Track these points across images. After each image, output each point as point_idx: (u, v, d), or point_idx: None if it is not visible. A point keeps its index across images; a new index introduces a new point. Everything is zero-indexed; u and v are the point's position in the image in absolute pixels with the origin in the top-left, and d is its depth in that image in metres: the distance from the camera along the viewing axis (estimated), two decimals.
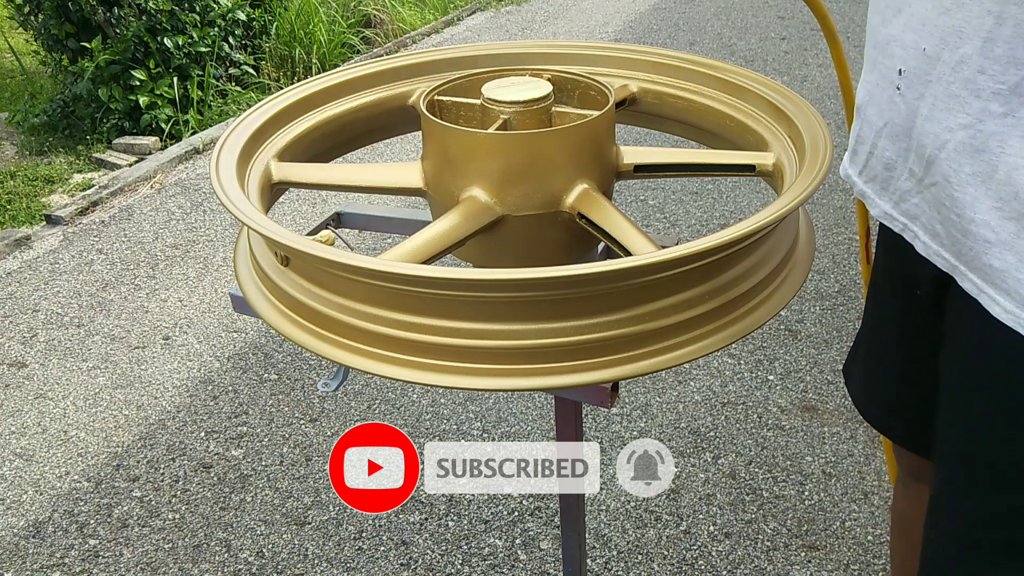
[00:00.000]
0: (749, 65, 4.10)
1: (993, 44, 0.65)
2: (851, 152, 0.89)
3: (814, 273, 2.47)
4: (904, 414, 0.99)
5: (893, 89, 0.77)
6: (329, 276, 0.67)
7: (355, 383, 2.11)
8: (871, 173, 0.85)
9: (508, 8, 5.60)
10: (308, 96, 0.96)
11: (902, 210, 0.80)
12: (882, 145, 0.81)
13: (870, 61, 0.83)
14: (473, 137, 0.77)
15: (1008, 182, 0.66)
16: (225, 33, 3.98)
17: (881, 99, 0.80)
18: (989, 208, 0.68)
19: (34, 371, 2.22)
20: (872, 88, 0.82)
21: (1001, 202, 0.67)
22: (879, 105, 0.80)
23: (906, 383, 0.96)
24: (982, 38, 0.65)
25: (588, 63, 1.01)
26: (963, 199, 0.69)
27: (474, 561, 1.63)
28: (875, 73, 0.81)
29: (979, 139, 0.68)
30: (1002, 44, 0.64)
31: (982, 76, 0.66)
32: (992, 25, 0.65)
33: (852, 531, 1.64)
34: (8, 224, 3.03)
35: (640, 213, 2.87)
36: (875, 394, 1.04)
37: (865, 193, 0.86)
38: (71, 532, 1.73)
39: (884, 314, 0.98)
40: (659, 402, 2.01)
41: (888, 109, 0.78)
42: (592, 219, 0.77)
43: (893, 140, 0.79)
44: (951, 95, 0.69)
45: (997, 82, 0.66)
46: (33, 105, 3.93)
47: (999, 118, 0.66)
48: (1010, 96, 0.65)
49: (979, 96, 0.67)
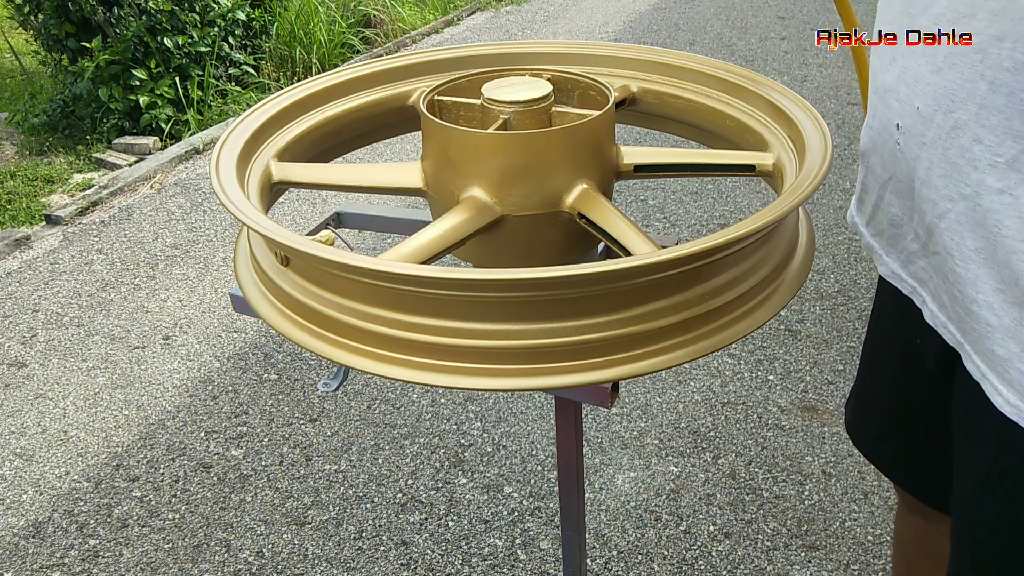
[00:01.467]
0: (749, 65, 4.10)
1: (988, 112, 0.60)
2: (857, 199, 0.83)
3: (814, 273, 2.47)
4: (892, 447, 0.95)
5: (894, 142, 0.72)
6: (329, 276, 0.67)
7: (355, 383, 2.11)
8: (878, 227, 0.80)
9: (508, 8, 5.60)
10: (308, 96, 0.96)
11: (911, 272, 0.75)
12: (888, 200, 0.76)
13: (872, 106, 0.78)
14: (473, 137, 0.77)
15: (1007, 264, 0.61)
16: (225, 33, 3.98)
17: (883, 150, 0.75)
18: (992, 290, 0.63)
19: (34, 371, 2.22)
20: (875, 136, 0.77)
21: (1004, 285, 0.62)
22: (882, 156, 0.75)
23: (895, 426, 0.92)
24: (976, 104, 0.61)
25: (588, 63, 1.01)
26: (965, 276, 0.65)
27: (474, 561, 1.63)
28: (876, 120, 0.76)
29: (979, 213, 0.62)
30: (997, 113, 0.60)
31: (978, 145, 0.61)
32: (986, 91, 0.60)
33: (852, 531, 1.64)
34: (8, 224, 3.03)
35: (640, 213, 2.87)
36: (865, 423, 0.99)
37: (872, 248, 0.81)
38: (71, 532, 1.73)
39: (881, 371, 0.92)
40: (659, 402, 2.01)
41: (891, 162, 0.74)
42: (592, 219, 0.77)
43: (898, 196, 0.74)
44: (948, 162, 0.64)
45: (994, 154, 0.60)
46: (33, 105, 3.93)
47: (995, 194, 0.61)
48: (1007, 171, 0.60)
49: (976, 167, 0.62)
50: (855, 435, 1.01)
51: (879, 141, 0.76)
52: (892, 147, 0.72)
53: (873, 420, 0.96)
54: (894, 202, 0.75)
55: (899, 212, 0.74)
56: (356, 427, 1.98)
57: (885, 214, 0.77)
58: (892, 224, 0.76)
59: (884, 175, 0.76)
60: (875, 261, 0.81)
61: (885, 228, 0.78)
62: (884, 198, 0.76)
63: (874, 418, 0.96)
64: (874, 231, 0.81)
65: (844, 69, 4.10)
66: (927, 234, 0.69)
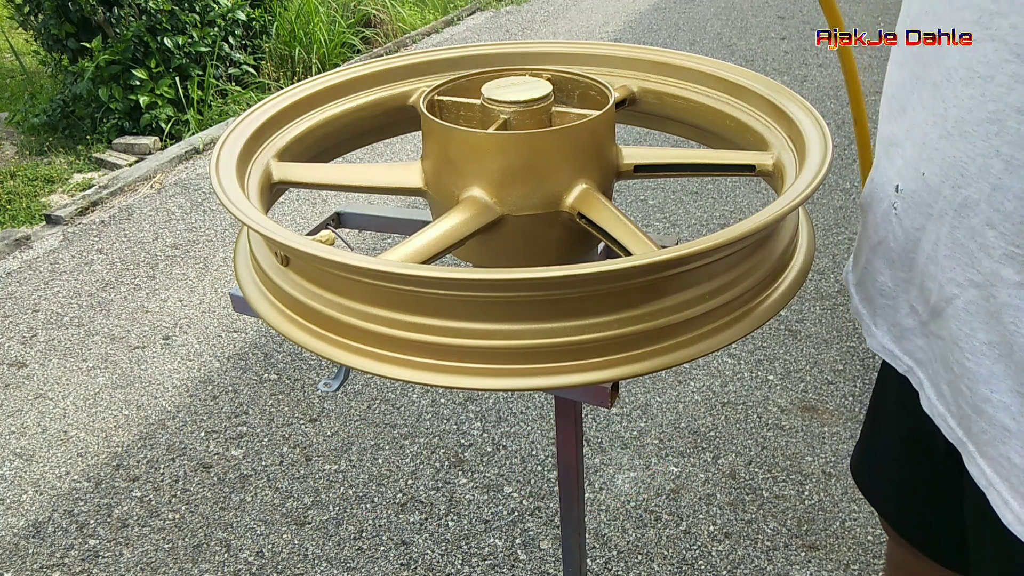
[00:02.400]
0: (749, 65, 4.10)
1: (1003, 195, 0.52)
2: (853, 256, 0.75)
3: (814, 273, 2.47)
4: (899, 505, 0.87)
5: (888, 204, 0.64)
6: (329, 276, 0.67)
7: (355, 383, 2.11)
8: (866, 292, 0.72)
9: (508, 8, 5.60)
10: (308, 96, 0.96)
11: (906, 349, 0.67)
12: (876, 266, 0.68)
13: (876, 156, 0.69)
14: (473, 137, 0.77)
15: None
16: (225, 33, 3.98)
17: (877, 210, 0.67)
18: (1009, 390, 0.54)
19: (34, 371, 2.22)
20: (873, 191, 0.69)
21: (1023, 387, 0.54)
22: (875, 216, 0.68)
23: (902, 488, 0.85)
24: (990, 184, 0.52)
25: (588, 63, 1.01)
26: (977, 371, 0.57)
27: (474, 561, 1.63)
28: (878, 173, 0.68)
29: (993, 305, 0.54)
30: (1014, 199, 0.51)
31: (991, 231, 0.53)
32: (1001, 170, 0.51)
33: (852, 531, 1.64)
34: (8, 224, 3.03)
35: (640, 213, 2.87)
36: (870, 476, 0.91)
37: (860, 315, 0.74)
38: (71, 532, 1.73)
39: (887, 439, 0.83)
40: (659, 402, 2.01)
41: (883, 225, 0.66)
42: (592, 219, 0.77)
43: (889, 265, 0.66)
44: (956, 242, 0.56)
45: (1010, 243, 0.52)
46: (33, 105, 3.93)
47: (1014, 288, 0.53)
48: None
49: (989, 254, 0.53)
50: (860, 483, 0.92)
51: (875, 199, 0.68)
52: (886, 209, 0.65)
53: (879, 480, 0.88)
54: (883, 270, 0.67)
55: (890, 283, 0.67)
56: (356, 427, 1.98)
57: (873, 281, 0.69)
58: (882, 294, 0.69)
59: (874, 237, 0.68)
60: (863, 330, 0.73)
61: (874, 296, 0.70)
62: (873, 263, 0.69)
63: (880, 478, 0.88)
64: (862, 296, 0.73)
65: None
66: (930, 314, 0.62)
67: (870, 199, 0.70)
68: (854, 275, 0.75)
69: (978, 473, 0.59)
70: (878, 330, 0.71)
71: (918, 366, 0.66)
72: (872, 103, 3.09)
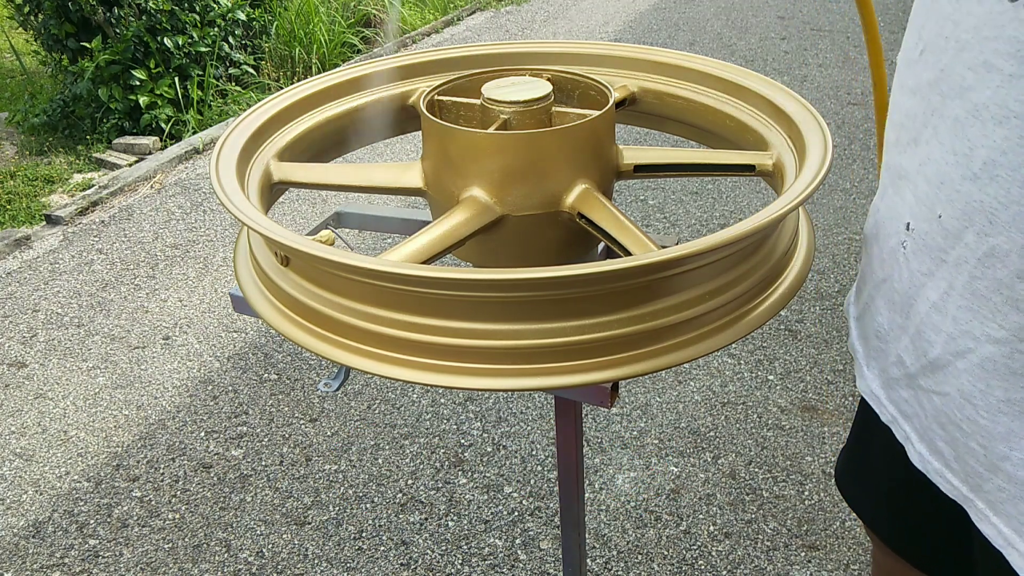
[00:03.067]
0: (749, 65, 4.10)
1: None
2: (856, 288, 0.72)
3: (814, 273, 2.47)
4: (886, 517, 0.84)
5: (898, 242, 0.60)
6: (329, 276, 0.67)
7: (355, 383, 2.11)
8: (864, 330, 0.68)
9: (508, 8, 5.60)
10: (308, 96, 0.96)
11: (891, 398, 0.64)
12: (877, 305, 0.64)
13: (882, 186, 0.65)
14: (473, 137, 0.77)
15: None
16: (225, 33, 3.98)
17: (884, 245, 0.63)
18: None
19: (34, 371, 2.22)
20: (880, 223, 0.64)
21: None
22: (881, 251, 0.63)
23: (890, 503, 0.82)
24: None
25: (588, 63, 1.01)
26: (993, 429, 0.54)
27: (474, 561, 1.63)
28: (885, 204, 0.63)
29: (1018, 361, 0.51)
30: None
31: (1023, 284, 0.49)
32: None
33: (852, 531, 1.64)
34: (8, 224, 3.03)
35: (640, 213, 2.87)
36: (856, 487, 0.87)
37: (855, 351, 0.69)
38: (71, 532, 1.73)
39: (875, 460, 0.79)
40: (659, 402, 2.01)
41: (890, 263, 0.61)
42: (592, 219, 0.77)
43: (889, 305, 0.62)
44: (975, 293, 0.52)
45: None
46: (33, 105, 3.93)
47: None
48: None
49: (1018, 308, 0.50)
50: (845, 492, 0.89)
51: (882, 232, 0.63)
52: (895, 246, 0.60)
53: (866, 491, 0.85)
54: (883, 310, 0.63)
55: (886, 324, 0.63)
56: (356, 427, 1.98)
57: (873, 319, 0.65)
58: (878, 336, 0.64)
59: (880, 274, 0.63)
60: (855, 368, 0.69)
61: (870, 335, 0.66)
62: (875, 301, 0.64)
63: (868, 490, 0.85)
64: (860, 333, 0.69)
65: (844, 69, 4.10)
66: (922, 368, 0.58)
67: (876, 231, 0.65)
68: (856, 308, 0.71)
69: (993, 532, 0.56)
70: (869, 372, 0.68)
71: (904, 419, 0.63)
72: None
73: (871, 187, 2.97)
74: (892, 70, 0.66)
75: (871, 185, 2.98)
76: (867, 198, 2.89)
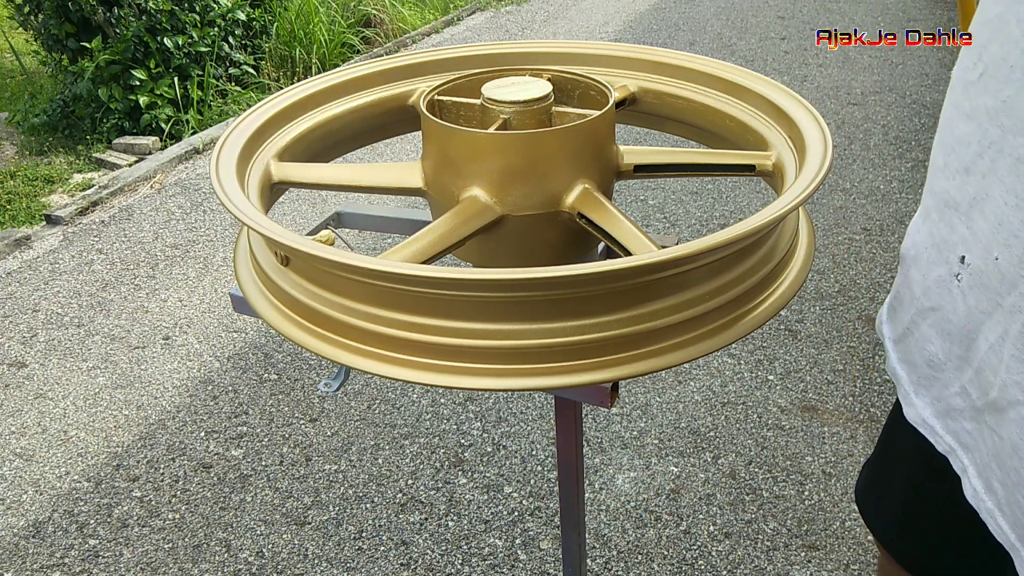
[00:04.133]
0: (749, 65, 4.10)
1: None
2: (889, 307, 0.68)
3: (814, 273, 2.47)
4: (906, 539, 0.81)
5: (950, 273, 0.56)
6: (329, 276, 0.67)
7: (355, 383, 2.11)
8: (907, 354, 0.64)
9: (508, 8, 5.60)
10: (308, 96, 0.96)
11: (949, 428, 0.60)
12: (925, 332, 0.60)
13: (925, 207, 0.61)
14: (473, 137, 0.77)
15: None
16: (225, 33, 3.98)
17: (930, 273, 0.59)
18: None
19: (34, 371, 2.22)
20: (925, 245, 0.60)
21: None
22: (925, 277, 0.59)
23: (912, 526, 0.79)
24: None
25: (588, 63, 1.01)
26: None
27: (474, 561, 1.63)
28: (929, 226, 0.60)
29: None
30: None
31: None
32: None
33: (852, 531, 1.64)
34: (8, 224, 3.03)
35: (640, 213, 2.87)
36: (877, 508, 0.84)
37: (898, 378, 0.65)
38: (71, 532, 1.73)
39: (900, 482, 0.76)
40: (659, 402, 2.01)
41: (939, 293, 0.58)
42: (592, 219, 0.77)
43: (943, 337, 0.58)
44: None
45: None
46: (33, 105, 3.93)
47: None
48: None
49: None
50: (864, 512, 0.86)
51: (926, 257, 0.59)
52: (945, 276, 0.56)
53: (887, 514, 0.82)
54: (933, 339, 0.59)
55: (941, 354, 0.58)
56: (356, 427, 1.98)
57: (920, 346, 0.61)
58: (930, 364, 0.60)
59: (924, 301, 0.59)
60: (899, 395, 0.64)
61: (918, 363, 0.62)
62: (920, 328, 0.60)
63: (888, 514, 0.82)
64: (902, 357, 0.64)
65: (844, 69, 4.10)
66: (988, 407, 0.54)
67: (916, 253, 0.61)
68: (891, 329, 0.67)
69: None
70: (919, 400, 0.63)
71: (963, 450, 0.58)
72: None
73: (871, 187, 2.97)
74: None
75: (871, 185, 2.98)
76: (867, 198, 2.89)
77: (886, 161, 3.16)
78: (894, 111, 3.59)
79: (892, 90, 3.82)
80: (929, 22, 4.81)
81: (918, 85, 3.86)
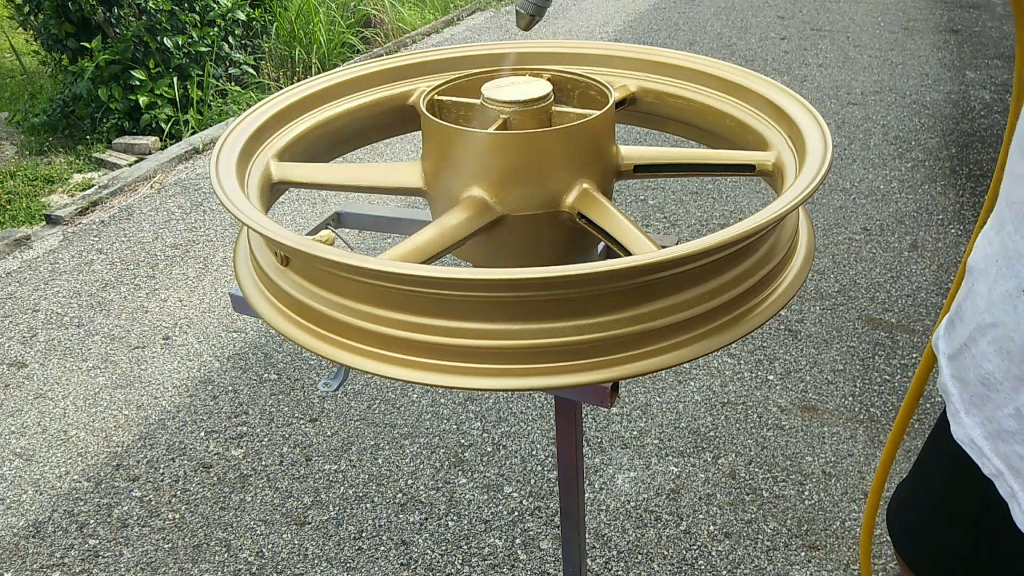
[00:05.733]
0: (749, 65, 4.10)
1: None
2: (948, 322, 0.67)
3: (814, 273, 2.47)
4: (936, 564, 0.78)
5: (1019, 288, 0.55)
6: (329, 276, 0.67)
7: (355, 383, 2.11)
8: (961, 371, 0.62)
9: (508, 8, 5.60)
10: (308, 96, 0.96)
11: (999, 451, 0.58)
12: (983, 348, 0.59)
13: (999, 217, 0.59)
14: (473, 137, 0.77)
15: None
16: (225, 33, 3.98)
17: (996, 288, 0.58)
18: None
19: (34, 371, 2.22)
20: (995, 258, 0.59)
21: None
22: (991, 290, 0.58)
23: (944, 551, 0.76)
24: None
25: (588, 63, 1.01)
26: None
27: (474, 561, 1.63)
28: (1002, 239, 0.58)
29: None
30: None
31: None
32: None
33: (852, 531, 1.64)
34: (8, 224, 3.03)
35: (640, 213, 2.87)
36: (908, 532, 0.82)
37: (948, 393, 0.64)
38: (71, 532, 1.73)
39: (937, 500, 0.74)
40: (659, 402, 2.01)
41: (1004, 311, 0.56)
42: (592, 219, 0.77)
43: (1002, 355, 0.57)
44: None
45: None
46: (33, 105, 3.93)
47: None
48: None
49: None
50: (893, 533, 0.83)
51: (994, 270, 0.57)
52: (1012, 291, 0.55)
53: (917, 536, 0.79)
54: (991, 357, 0.57)
55: (997, 373, 0.57)
56: (356, 427, 1.98)
57: (975, 363, 0.60)
58: (984, 383, 0.59)
59: (987, 316, 0.58)
60: (948, 411, 0.63)
61: (971, 380, 0.60)
62: (979, 344, 0.59)
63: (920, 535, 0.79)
64: (956, 373, 0.63)
65: (844, 69, 4.10)
66: None
67: (986, 266, 0.60)
68: (948, 344, 0.65)
69: None
70: (969, 419, 0.61)
71: (1013, 475, 0.57)
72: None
73: (871, 187, 2.97)
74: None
75: (871, 185, 2.98)
76: (867, 198, 2.89)
77: (886, 161, 3.16)
78: (894, 111, 3.59)
79: (892, 90, 3.82)
80: (929, 22, 4.82)
81: (918, 85, 3.86)
